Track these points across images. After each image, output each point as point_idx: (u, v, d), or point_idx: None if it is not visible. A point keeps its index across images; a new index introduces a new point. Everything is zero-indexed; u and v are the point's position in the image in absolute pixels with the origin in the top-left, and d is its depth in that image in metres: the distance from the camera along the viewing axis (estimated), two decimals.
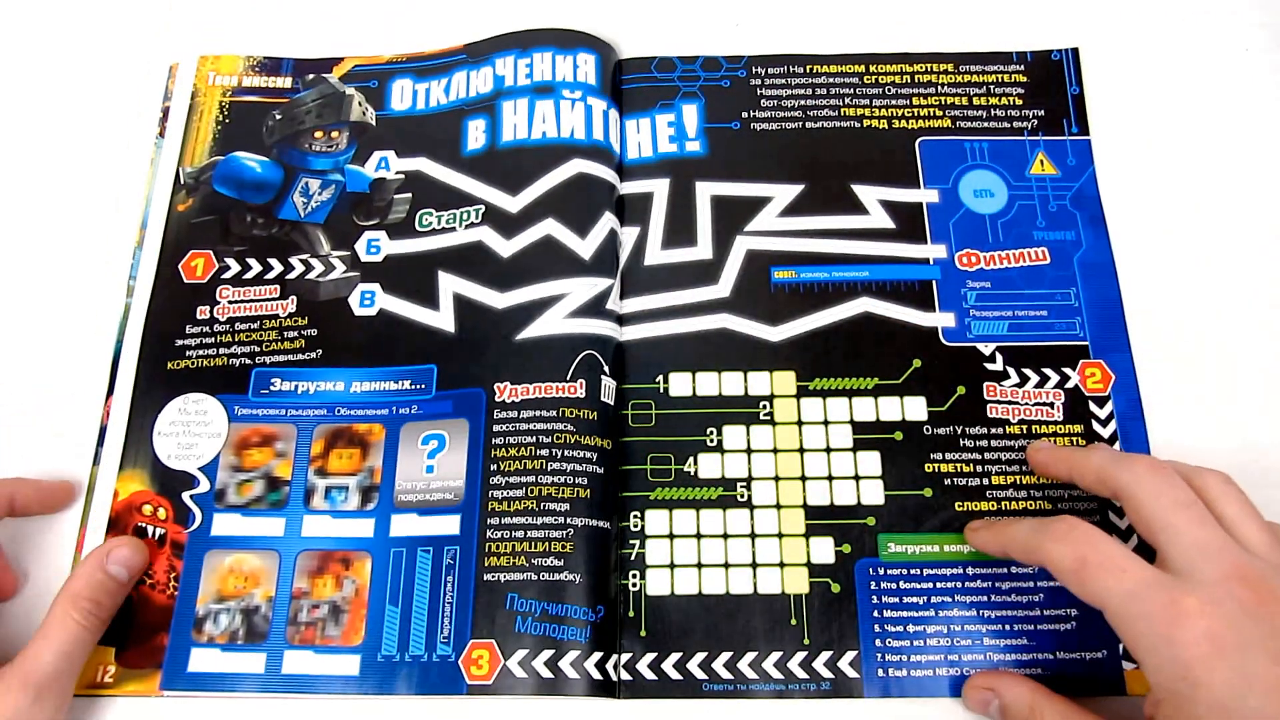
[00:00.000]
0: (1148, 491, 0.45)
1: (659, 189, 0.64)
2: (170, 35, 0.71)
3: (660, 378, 0.60)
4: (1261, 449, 0.58)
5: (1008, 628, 0.54)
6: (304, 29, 0.71)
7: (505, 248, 0.62)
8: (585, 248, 0.62)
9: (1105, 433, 0.58)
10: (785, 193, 0.64)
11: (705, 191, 0.64)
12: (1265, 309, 0.61)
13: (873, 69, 0.67)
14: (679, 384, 0.60)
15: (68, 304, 0.63)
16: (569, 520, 0.55)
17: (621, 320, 0.61)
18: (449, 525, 0.56)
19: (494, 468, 0.57)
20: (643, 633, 0.54)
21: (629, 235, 0.64)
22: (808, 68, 0.67)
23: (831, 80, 0.67)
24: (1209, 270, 0.62)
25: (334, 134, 0.66)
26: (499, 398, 0.58)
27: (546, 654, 0.53)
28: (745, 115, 0.66)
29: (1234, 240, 0.63)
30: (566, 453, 0.57)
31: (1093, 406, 0.58)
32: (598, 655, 0.53)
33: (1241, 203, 0.63)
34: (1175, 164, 0.65)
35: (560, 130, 0.65)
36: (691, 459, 0.58)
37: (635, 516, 0.57)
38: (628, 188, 0.65)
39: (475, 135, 0.66)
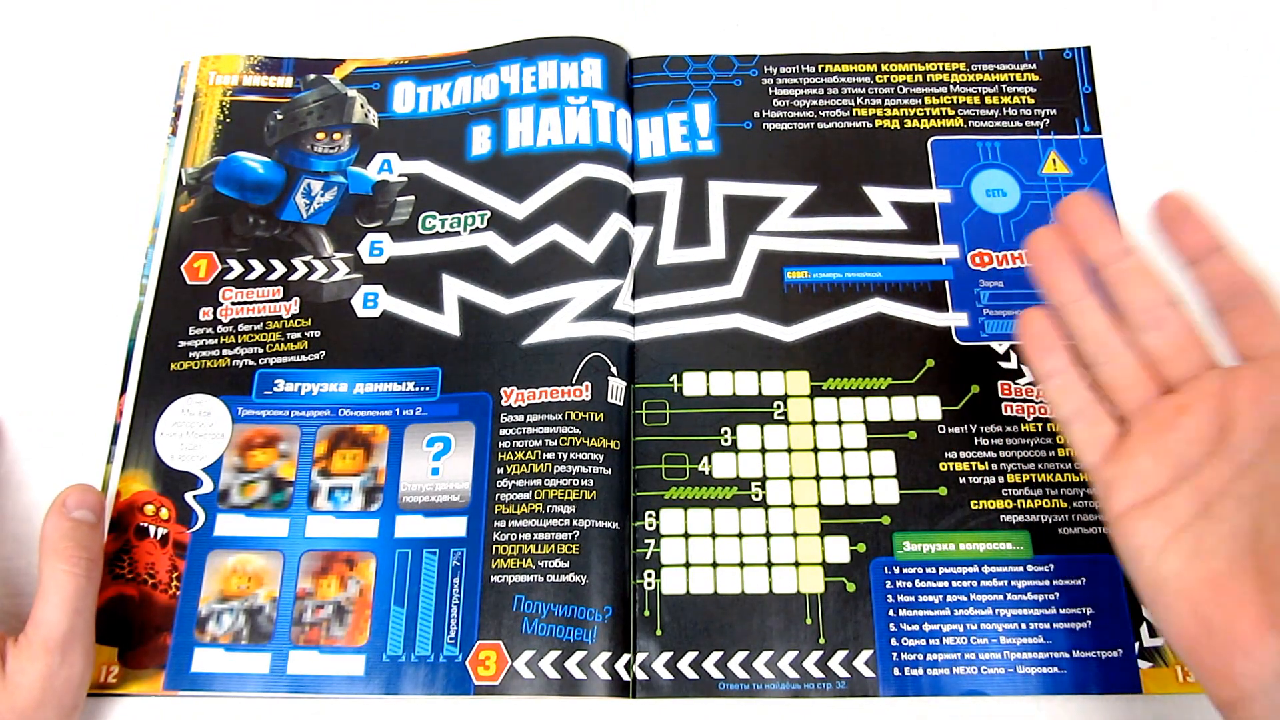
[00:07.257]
0: None
1: (671, 188, 0.67)
2: (174, 35, 0.74)
3: (674, 377, 0.62)
4: None
5: (1024, 626, 0.56)
6: (304, 29, 0.74)
7: (511, 254, 0.65)
8: (591, 251, 0.64)
9: None
10: (798, 193, 0.66)
11: (718, 191, 0.67)
12: None
13: (884, 68, 0.70)
14: (693, 384, 0.62)
15: (83, 302, 0.65)
16: (575, 522, 0.58)
17: (634, 320, 0.64)
18: (455, 527, 0.58)
19: (500, 471, 0.59)
20: (658, 632, 0.56)
21: (641, 235, 0.66)
22: (819, 67, 0.70)
23: (843, 80, 0.70)
24: None
25: (336, 135, 0.69)
26: (505, 401, 0.61)
27: (553, 655, 0.55)
28: (757, 115, 0.69)
29: (1247, 240, 0.64)
30: (573, 455, 0.59)
31: None
32: (605, 655, 0.55)
33: (1256, 203, 0.66)
34: (1188, 163, 0.67)
35: (565, 137, 0.68)
36: (706, 458, 0.60)
37: (650, 516, 0.59)
38: (640, 187, 0.67)
39: (480, 141, 0.68)
